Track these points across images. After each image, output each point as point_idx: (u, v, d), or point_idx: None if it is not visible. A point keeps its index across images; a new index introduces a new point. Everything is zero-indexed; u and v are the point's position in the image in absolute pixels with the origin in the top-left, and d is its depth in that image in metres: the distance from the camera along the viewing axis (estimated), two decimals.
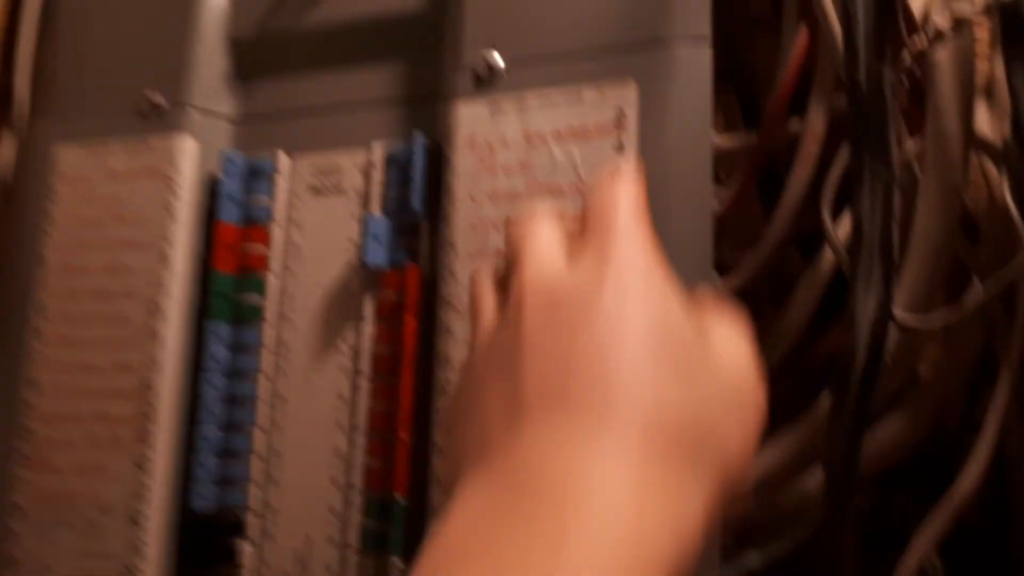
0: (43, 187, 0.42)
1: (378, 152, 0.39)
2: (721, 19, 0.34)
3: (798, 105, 0.37)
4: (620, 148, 0.34)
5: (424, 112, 0.39)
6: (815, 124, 0.35)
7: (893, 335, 0.28)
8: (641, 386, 0.20)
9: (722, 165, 0.40)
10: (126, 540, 0.36)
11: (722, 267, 0.38)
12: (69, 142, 0.42)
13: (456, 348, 0.34)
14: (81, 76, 0.44)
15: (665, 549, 0.18)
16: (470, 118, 0.36)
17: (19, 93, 0.45)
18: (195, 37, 0.42)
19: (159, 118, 0.41)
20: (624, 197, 0.24)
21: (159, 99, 0.41)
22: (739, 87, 0.42)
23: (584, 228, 0.24)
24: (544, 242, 0.24)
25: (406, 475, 0.34)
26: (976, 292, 0.29)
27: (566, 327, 0.21)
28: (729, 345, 0.23)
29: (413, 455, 0.34)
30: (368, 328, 0.37)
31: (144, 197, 0.40)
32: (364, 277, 0.38)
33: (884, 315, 0.26)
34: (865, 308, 0.26)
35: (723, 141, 0.39)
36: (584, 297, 0.21)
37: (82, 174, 0.42)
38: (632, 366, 0.20)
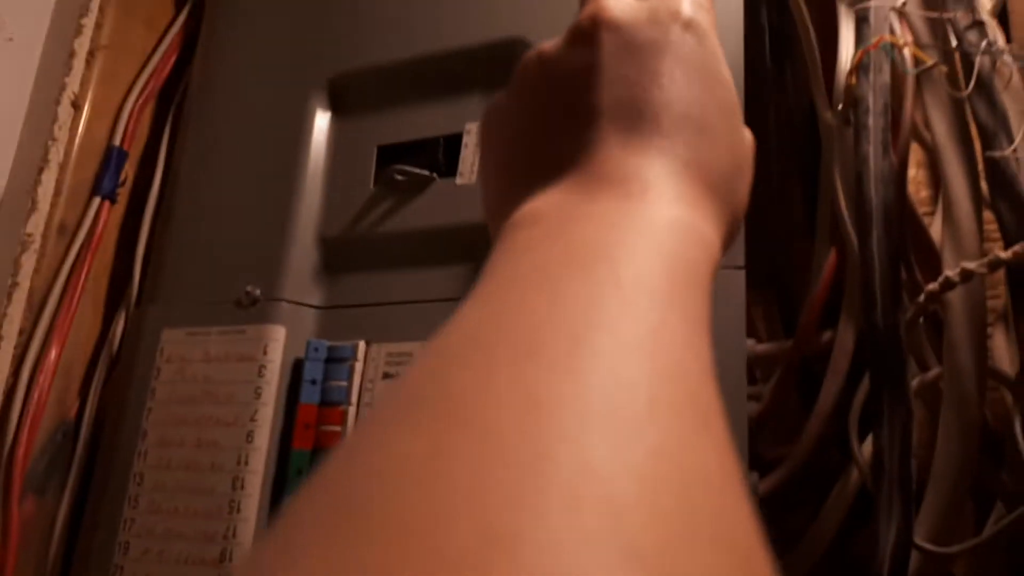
0: (149, 366, 0.48)
1: None
2: (764, 226, 0.38)
3: (834, 313, 0.40)
4: None
5: None
6: (844, 341, 0.38)
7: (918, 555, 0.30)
8: (701, 131, 0.23)
9: (763, 366, 0.43)
10: None
11: (765, 463, 0.41)
12: (174, 327, 0.48)
13: None
14: (188, 269, 0.50)
15: (704, 243, 0.21)
16: None
17: (134, 280, 0.51)
18: (291, 238, 0.48)
19: (254, 309, 0.47)
20: None
21: (256, 292, 0.47)
22: (780, 293, 0.46)
23: None
24: None
25: None
26: (1000, 515, 0.31)
27: (641, 59, 0.23)
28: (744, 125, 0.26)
29: None
30: None
31: (236, 380, 0.45)
32: None
33: (905, 543, 0.28)
34: (887, 536, 0.28)
35: (764, 348, 0.42)
36: (661, 37, 0.24)
37: (183, 356, 0.47)
38: (699, 113, 0.23)
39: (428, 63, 0.48)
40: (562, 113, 0.24)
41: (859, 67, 0.32)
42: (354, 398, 0.44)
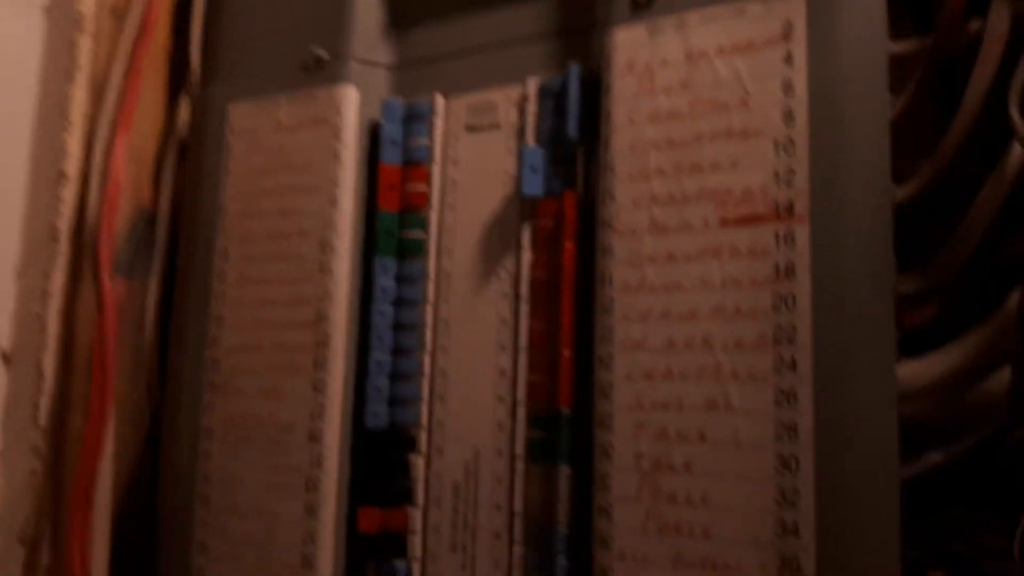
0: (218, 142, 0.45)
1: (532, 85, 0.39)
2: None
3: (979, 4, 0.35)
4: (789, 59, 0.33)
5: (577, 43, 0.39)
6: (997, 24, 0.33)
7: None
8: None
9: (897, 70, 0.38)
10: (307, 455, 0.39)
11: (897, 177, 0.36)
12: (240, 100, 0.45)
13: (616, 267, 0.34)
14: (248, 38, 0.47)
15: None
16: (628, 43, 0.36)
17: (193, 58, 0.49)
18: None
19: (322, 71, 0.43)
20: None
21: (322, 53, 0.44)
22: None
23: None
24: None
25: (569, 389, 0.35)
26: None
27: None
28: None
29: (575, 370, 0.35)
30: (527, 255, 0.38)
31: (312, 145, 0.43)
32: (521, 207, 0.39)
33: None
34: None
35: (899, 47, 0.37)
36: None
37: (253, 128, 0.45)
38: None
39: None
40: None
41: None
42: (437, 155, 0.41)
